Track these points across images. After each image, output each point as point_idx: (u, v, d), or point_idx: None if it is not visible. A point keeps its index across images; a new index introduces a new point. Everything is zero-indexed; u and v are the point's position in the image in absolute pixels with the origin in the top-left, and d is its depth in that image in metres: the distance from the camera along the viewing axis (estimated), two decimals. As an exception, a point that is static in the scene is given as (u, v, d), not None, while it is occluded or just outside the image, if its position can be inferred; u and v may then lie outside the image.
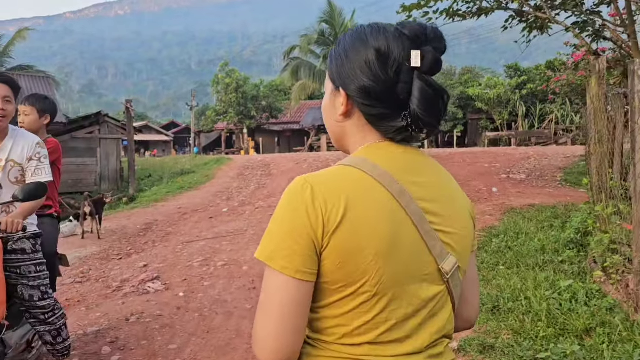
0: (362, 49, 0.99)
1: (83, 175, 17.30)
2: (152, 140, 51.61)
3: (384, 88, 0.96)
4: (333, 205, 0.90)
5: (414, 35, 0.96)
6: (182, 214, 9.97)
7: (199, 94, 63.60)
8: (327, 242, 0.90)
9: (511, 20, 8.53)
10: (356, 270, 0.90)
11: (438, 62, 0.97)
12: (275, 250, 0.91)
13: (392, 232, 0.91)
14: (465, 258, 1.04)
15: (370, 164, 0.95)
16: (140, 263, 6.37)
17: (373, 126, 1.01)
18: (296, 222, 0.91)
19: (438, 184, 1.02)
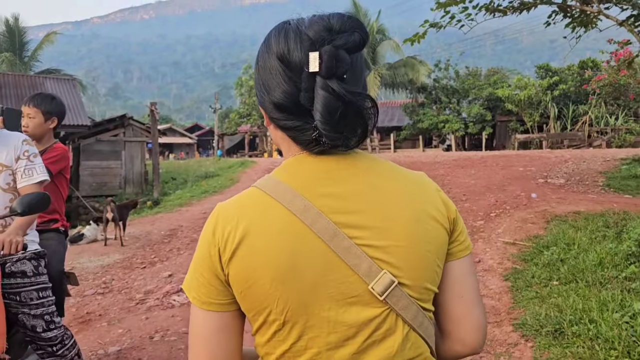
0: (268, 56, 0.91)
1: (107, 178, 17.24)
2: (176, 142, 51.95)
3: (289, 99, 0.87)
4: (229, 234, 0.86)
5: (314, 32, 0.84)
6: (207, 219, 9.69)
7: (222, 96, 63.85)
8: (227, 272, 0.86)
9: (554, 16, 8.01)
10: (257, 298, 0.86)
11: (340, 61, 0.82)
12: (189, 281, 0.91)
13: (289, 256, 0.83)
14: (418, 272, 0.89)
15: (273, 181, 0.89)
16: (164, 272, 6.07)
17: (291, 138, 0.92)
18: (200, 253, 0.90)
19: (366, 190, 0.89)
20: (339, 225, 0.85)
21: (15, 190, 2.52)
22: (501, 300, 4.66)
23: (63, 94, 15.12)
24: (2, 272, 2.36)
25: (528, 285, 4.79)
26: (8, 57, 32.25)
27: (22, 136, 2.63)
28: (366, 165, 0.92)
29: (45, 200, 2.27)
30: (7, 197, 2.49)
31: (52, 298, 2.59)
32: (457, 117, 28.54)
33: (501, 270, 5.44)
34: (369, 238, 0.86)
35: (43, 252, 2.66)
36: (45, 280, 2.59)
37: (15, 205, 2.19)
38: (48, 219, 3.19)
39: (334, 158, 0.91)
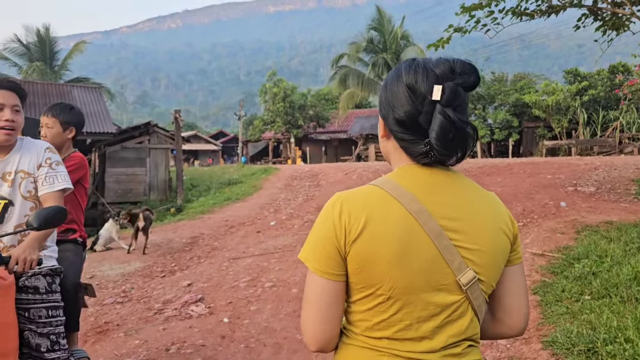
0: (397, 83, 1.16)
1: (132, 185, 17.42)
2: (201, 149, 52.42)
3: (410, 117, 1.13)
4: (355, 219, 1.08)
5: (441, 71, 1.11)
6: (229, 227, 9.64)
7: (247, 103, 64.29)
8: (349, 250, 1.09)
9: (584, 19, 7.76)
10: (371, 275, 1.08)
11: (457, 95, 1.09)
12: (310, 253, 1.13)
13: (404, 246, 1.06)
14: (491, 272, 1.16)
15: (393, 184, 1.12)
16: (184, 282, 6.01)
17: (403, 149, 1.18)
18: (325, 231, 1.11)
19: (463, 203, 1.14)
20: (442, 228, 1.10)
21: (36, 199, 2.46)
22: (529, 315, 4.46)
23: (90, 102, 15.37)
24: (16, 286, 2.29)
25: (558, 300, 4.58)
26: (39, 66, 33.08)
27: (46, 144, 2.58)
28: (460, 181, 1.18)
29: (62, 214, 2.19)
30: (28, 205, 2.43)
31: (61, 318, 2.50)
32: (483, 123, 28.08)
33: (529, 283, 5.22)
34: (462, 241, 1.12)
35: (59, 270, 2.58)
36: (57, 298, 2.51)
37: (32, 219, 2.12)
38: (66, 228, 3.14)
39: (439, 172, 1.16)
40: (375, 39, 30.23)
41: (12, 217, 2.39)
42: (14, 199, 2.40)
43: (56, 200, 2.40)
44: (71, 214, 3.15)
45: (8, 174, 2.41)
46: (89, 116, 14.78)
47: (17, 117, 2.40)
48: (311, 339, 1.14)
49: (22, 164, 2.44)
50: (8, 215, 2.39)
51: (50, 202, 2.39)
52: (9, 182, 2.40)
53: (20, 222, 2.40)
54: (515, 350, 3.89)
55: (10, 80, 2.43)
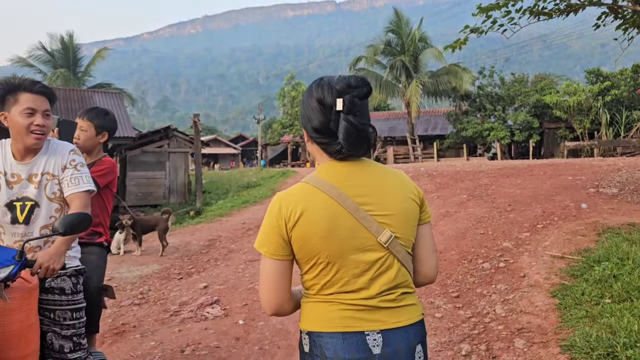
0: (310, 99, 1.52)
1: (152, 188, 17.62)
2: (221, 153, 52.82)
3: (323, 125, 1.48)
4: (292, 212, 1.44)
5: (340, 87, 1.47)
6: (246, 229, 9.68)
7: (265, 107, 64.57)
8: (290, 235, 1.44)
9: (604, 18, 7.62)
10: (311, 250, 1.44)
11: (354, 104, 1.44)
12: (261, 241, 1.49)
13: (331, 223, 1.42)
14: (406, 229, 1.52)
15: (317, 179, 1.49)
16: (200, 284, 6.05)
17: (322, 150, 1.53)
18: (271, 225, 1.47)
19: (372, 182, 1.50)
20: (358, 204, 1.45)
21: (62, 200, 2.49)
22: (548, 318, 4.38)
23: (110, 106, 15.61)
24: (41, 286, 2.32)
25: (577, 303, 4.48)
26: (63, 73, 33.70)
27: (70, 146, 2.61)
28: (370, 167, 1.54)
29: (87, 221, 2.20)
30: (53, 207, 2.46)
31: (84, 319, 2.53)
32: (503, 124, 27.73)
33: (548, 286, 5.14)
34: (376, 210, 1.47)
35: (83, 270, 2.61)
36: (81, 299, 2.53)
37: (57, 225, 2.14)
38: (92, 232, 3.17)
39: (351, 163, 1.51)
40: (393, 42, 30.09)
41: (38, 218, 2.43)
42: (39, 201, 2.44)
43: (83, 201, 2.42)
44: (98, 217, 3.19)
45: (34, 175, 2.45)
46: (109, 121, 15.02)
47: (48, 122, 2.44)
48: (266, 304, 1.48)
49: (48, 165, 2.47)
50: (34, 216, 2.42)
51: (77, 202, 2.40)
52: (35, 184, 2.43)
53: (47, 223, 2.43)
54: (532, 354, 3.82)
55: (42, 85, 2.45)
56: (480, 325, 4.46)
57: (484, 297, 5.13)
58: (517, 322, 4.42)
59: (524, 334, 4.17)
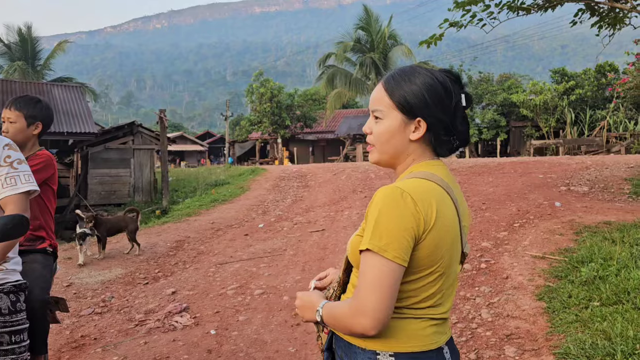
0: (432, 83, 1.33)
1: (116, 186, 16.97)
2: (188, 150, 51.89)
3: (452, 121, 1.35)
4: (428, 209, 1.23)
5: (458, 81, 1.38)
6: (216, 230, 9.29)
7: (233, 104, 63.71)
8: (424, 238, 1.22)
9: (581, 15, 7.56)
10: (436, 257, 1.26)
11: (472, 100, 1.41)
12: (389, 243, 1.19)
13: (455, 229, 1.31)
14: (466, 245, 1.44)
15: (438, 177, 1.32)
16: (168, 289, 5.67)
17: (433, 147, 1.38)
18: (405, 222, 1.19)
19: (459, 189, 1.40)
20: (458, 212, 1.34)
21: None
22: (536, 323, 4.20)
23: (70, 101, 14.89)
24: None
25: (565, 307, 4.32)
26: (20, 66, 32.36)
27: (5, 140, 2.22)
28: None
29: (22, 224, 1.82)
30: None
31: (26, 343, 2.17)
32: (471, 122, 27.98)
33: (532, 288, 4.98)
34: (463, 221, 1.38)
35: (24, 285, 2.24)
36: (22, 319, 2.17)
37: None
38: (33, 236, 2.78)
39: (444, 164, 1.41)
40: (363, 39, 29.99)
41: None
42: None
43: (20, 204, 2.07)
44: (39, 219, 2.81)
45: None
46: (69, 116, 14.30)
47: None
48: (378, 318, 1.19)
49: None
50: None
51: (11, 206, 2.05)
52: None
53: None
54: (525, 363, 3.63)
55: None
56: (467, 331, 4.26)
57: (468, 301, 4.94)
58: (505, 328, 4.23)
59: (513, 341, 3.97)
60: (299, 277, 5.88)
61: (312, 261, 6.58)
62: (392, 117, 1.35)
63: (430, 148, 1.37)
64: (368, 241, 1.20)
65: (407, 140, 1.35)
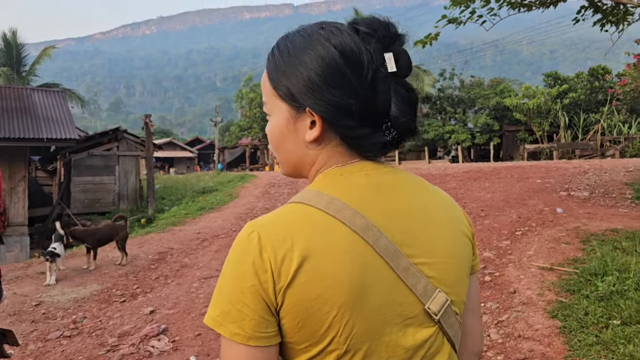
0: (325, 56, 0.83)
1: (100, 194, 16.43)
2: (177, 156, 51.39)
3: (363, 103, 0.82)
4: (284, 256, 0.76)
5: (379, 34, 0.83)
6: (201, 240, 8.82)
7: (223, 110, 63.24)
8: (281, 301, 0.76)
9: (584, 12, 7.22)
10: (319, 328, 0.77)
11: (411, 63, 0.85)
12: (223, 314, 0.78)
13: (359, 278, 0.78)
14: (460, 287, 0.90)
15: (325, 198, 0.82)
16: (146, 308, 5.20)
17: (350, 148, 0.87)
18: (243, 279, 0.77)
19: (415, 208, 0.87)
20: (397, 244, 0.82)
21: None
22: (552, 345, 3.79)
23: (51, 106, 14.35)
24: None
25: (583, 326, 3.92)
26: (5, 72, 31.66)
27: None
28: (406, 180, 0.90)
29: None
30: None
31: None
32: (463, 127, 27.71)
33: (543, 304, 4.57)
34: (421, 256, 0.84)
35: None
36: None
37: None
38: None
39: (379, 169, 0.88)
40: (354, 42, 29.71)
41: None
42: None
43: None
44: None
45: None
46: (50, 122, 13.75)
47: None
48: None
49: None
50: None
51: None
52: None
53: None
54: (543, 394, 3.21)
55: None
56: (476, 356, 3.82)
57: (475, 319, 4.51)
58: (518, 351, 3.81)
59: (529, 367, 3.55)
60: (289, 292, 5.44)
61: (304, 274, 6.13)
62: (277, 110, 0.92)
63: (344, 149, 0.88)
64: (208, 309, 0.83)
65: (302, 143, 0.89)
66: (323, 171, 0.89)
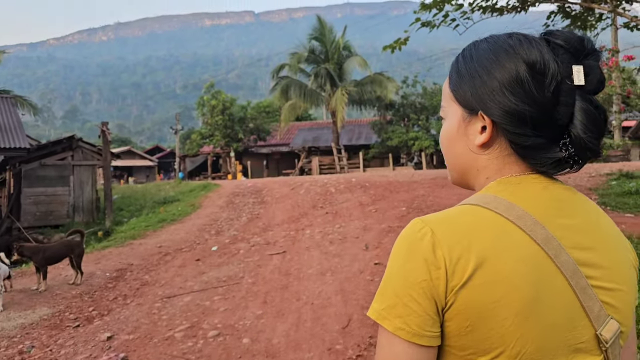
0: (509, 64, 0.81)
1: (54, 206, 15.60)
2: (136, 165, 50.08)
3: (540, 112, 0.79)
4: (460, 255, 0.73)
5: (571, 46, 0.80)
6: (163, 254, 8.33)
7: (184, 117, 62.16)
8: (452, 300, 0.73)
9: (553, 17, 7.19)
10: (491, 335, 0.73)
11: (604, 79, 0.81)
12: (388, 308, 0.76)
13: (536, 289, 0.73)
14: (630, 320, 0.83)
15: (504, 203, 0.78)
16: (103, 333, 4.74)
17: (521, 158, 0.83)
18: (413, 274, 0.75)
19: (594, 227, 0.81)
20: (577, 262, 0.77)
21: None
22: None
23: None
24: None
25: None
26: (-51, 78, 30.11)
27: None
28: (583, 199, 0.85)
29: None
30: None
31: None
32: (427, 134, 27.91)
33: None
34: (599, 279, 0.79)
35: None
36: None
37: None
38: None
39: (556, 185, 0.84)
40: (317, 49, 29.53)
41: None
42: None
43: None
44: None
45: None
46: (-3, 130, 12.94)
47: None
48: None
49: None
50: None
51: None
52: None
53: None
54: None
55: None
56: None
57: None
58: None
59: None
60: (260, 311, 5.08)
61: (274, 290, 5.78)
62: (452, 112, 0.90)
63: (516, 158, 0.83)
64: (372, 302, 0.81)
65: (472, 148, 0.86)
66: (496, 179, 0.85)
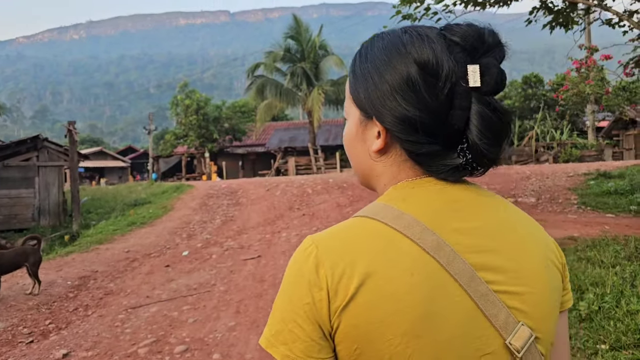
0: (400, 65, 0.75)
1: (17, 209, 14.90)
2: (108, 166, 48.97)
3: (433, 118, 0.74)
4: (342, 274, 0.70)
5: (468, 43, 0.74)
6: (131, 260, 7.89)
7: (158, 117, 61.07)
8: (337, 323, 0.69)
9: (536, 13, 7.00)
10: (379, 357, 0.69)
11: (503, 78, 0.74)
12: (276, 334, 0.73)
13: (426, 303, 0.69)
14: (548, 324, 0.77)
15: (393, 211, 0.74)
16: (58, 351, 4.32)
17: (418, 165, 0.78)
18: (296, 298, 0.72)
19: (499, 228, 0.76)
20: (474, 267, 0.72)
21: None
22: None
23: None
24: None
25: (571, 354, 3.46)
26: None
27: None
28: (487, 197, 0.80)
29: None
30: None
31: None
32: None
33: (519, 326, 4.11)
34: (504, 283, 0.74)
35: None
36: None
37: None
38: None
39: (453, 186, 0.77)
40: (293, 48, 29.18)
41: None
42: None
43: None
44: None
45: None
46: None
47: None
48: None
49: None
50: None
51: None
52: None
53: None
54: None
55: None
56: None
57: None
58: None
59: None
60: (232, 322, 4.72)
61: (248, 299, 5.43)
62: (351, 114, 0.85)
63: (411, 164, 0.78)
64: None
65: (370, 153, 0.81)
66: (393, 184, 0.80)
